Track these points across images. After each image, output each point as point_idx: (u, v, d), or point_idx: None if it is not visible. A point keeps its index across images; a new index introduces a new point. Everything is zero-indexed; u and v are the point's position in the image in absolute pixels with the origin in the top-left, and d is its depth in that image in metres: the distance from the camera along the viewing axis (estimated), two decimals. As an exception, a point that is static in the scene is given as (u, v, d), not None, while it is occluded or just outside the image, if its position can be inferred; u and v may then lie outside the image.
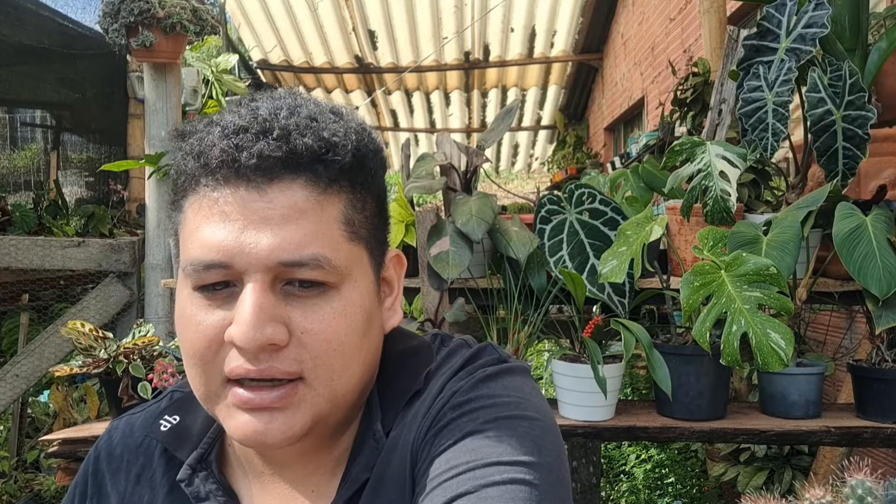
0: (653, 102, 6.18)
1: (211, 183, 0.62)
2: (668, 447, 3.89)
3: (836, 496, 0.95)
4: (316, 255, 0.61)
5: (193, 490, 0.68)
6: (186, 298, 0.63)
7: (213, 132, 0.63)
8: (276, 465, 0.70)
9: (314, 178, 0.62)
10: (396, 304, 0.73)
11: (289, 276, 0.61)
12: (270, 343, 0.60)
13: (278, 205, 0.60)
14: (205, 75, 3.55)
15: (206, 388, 0.64)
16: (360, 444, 0.68)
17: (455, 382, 0.68)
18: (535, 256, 1.95)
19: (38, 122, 4.00)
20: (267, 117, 0.62)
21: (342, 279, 0.63)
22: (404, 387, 0.70)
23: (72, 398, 3.45)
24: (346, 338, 0.63)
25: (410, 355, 0.73)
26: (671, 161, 1.83)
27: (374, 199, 0.68)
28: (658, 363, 1.68)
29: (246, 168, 0.60)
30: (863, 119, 1.71)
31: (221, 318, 0.61)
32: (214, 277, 0.61)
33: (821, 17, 1.72)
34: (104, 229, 3.21)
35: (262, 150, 0.60)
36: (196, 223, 0.62)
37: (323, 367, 0.62)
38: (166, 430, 0.72)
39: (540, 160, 12.01)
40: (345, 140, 0.64)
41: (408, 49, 8.40)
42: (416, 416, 0.67)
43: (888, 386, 1.74)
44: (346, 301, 0.63)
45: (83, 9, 3.85)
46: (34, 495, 3.45)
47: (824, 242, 1.85)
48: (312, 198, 0.62)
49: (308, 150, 0.61)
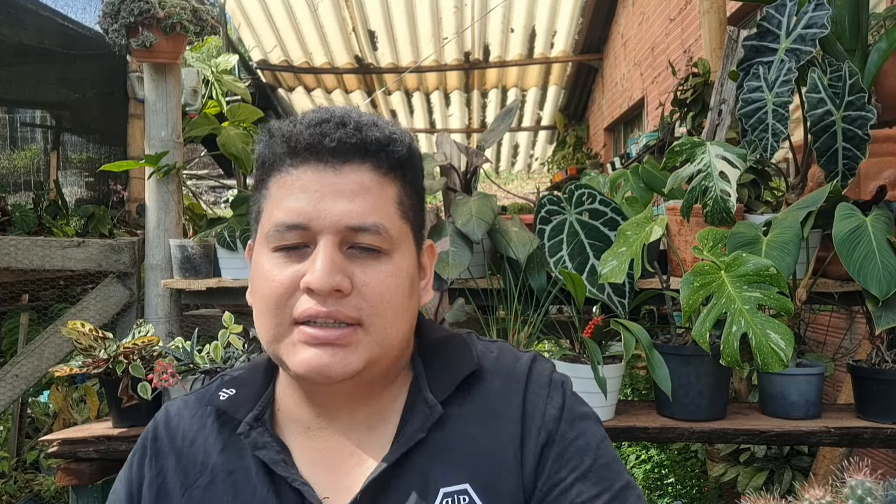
0: (653, 103, 6.18)
1: (295, 163, 0.76)
2: (668, 447, 3.89)
3: (836, 496, 0.95)
4: (376, 223, 0.75)
5: (251, 441, 0.80)
6: (265, 259, 0.77)
7: (300, 124, 0.78)
8: (323, 416, 0.81)
9: (378, 163, 0.77)
10: (428, 285, 0.87)
11: (353, 239, 0.75)
12: (338, 289, 0.72)
13: (349, 182, 0.75)
14: (205, 75, 3.55)
15: (277, 329, 0.75)
16: (410, 407, 0.81)
17: (542, 389, 0.82)
18: (535, 257, 1.95)
19: (38, 122, 3.99)
20: (342, 115, 0.78)
21: (393, 248, 0.77)
22: (456, 366, 0.83)
23: (72, 398, 3.45)
24: (396, 294, 0.76)
25: (448, 339, 0.88)
26: (671, 161, 1.83)
27: (417, 193, 0.84)
28: (658, 363, 1.68)
29: (326, 151, 0.75)
30: (863, 119, 1.71)
31: (295, 270, 0.74)
32: (293, 238, 0.75)
33: (821, 18, 1.72)
34: (104, 229, 3.21)
35: (341, 137, 0.75)
36: (280, 195, 0.76)
37: (377, 315, 0.75)
38: (225, 399, 0.84)
39: (540, 160, 12.01)
40: (402, 137, 0.80)
41: (408, 49, 8.39)
42: (502, 401, 0.80)
43: (888, 386, 1.74)
44: (396, 266, 0.77)
45: (83, 9, 3.85)
46: (34, 495, 3.45)
47: (824, 243, 1.85)
48: (376, 179, 0.77)
49: (375, 140, 0.77)
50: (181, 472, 0.82)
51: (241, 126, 2.96)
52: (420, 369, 0.84)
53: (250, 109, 3.04)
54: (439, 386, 0.81)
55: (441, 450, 0.78)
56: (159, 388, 1.86)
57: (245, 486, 0.79)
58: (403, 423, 0.80)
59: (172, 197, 2.55)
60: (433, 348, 0.86)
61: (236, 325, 1.94)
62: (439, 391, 0.81)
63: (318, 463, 0.81)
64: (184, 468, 0.82)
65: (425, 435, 0.78)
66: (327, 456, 0.81)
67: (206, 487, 0.80)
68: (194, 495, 0.80)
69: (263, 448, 0.79)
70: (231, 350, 1.95)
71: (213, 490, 0.80)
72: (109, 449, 1.89)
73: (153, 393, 1.86)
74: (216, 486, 0.80)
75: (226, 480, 0.80)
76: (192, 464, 0.82)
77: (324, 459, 0.81)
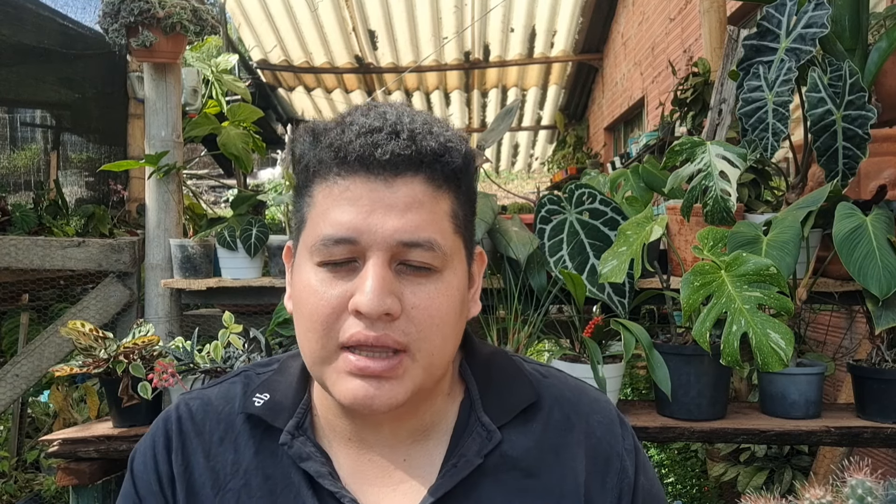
0: (653, 102, 6.18)
1: (343, 172, 0.72)
2: (668, 447, 3.89)
3: (836, 496, 0.95)
4: (430, 239, 0.71)
5: (295, 452, 0.77)
6: (310, 273, 0.73)
7: (349, 131, 0.72)
8: (366, 429, 0.78)
9: (432, 175, 0.73)
10: (476, 295, 0.82)
11: (404, 256, 0.71)
12: (388, 313, 0.69)
13: (401, 195, 0.71)
14: (205, 75, 3.55)
15: (322, 352, 0.72)
16: (462, 428, 0.78)
17: (612, 427, 0.82)
18: (535, 256, 1.94)
19: (38, 122, 3.99)
20: (395, 121, 0.72)
21: (445, 265, 0.73)
22: (514, 391, 0.81)
23: (72, 398, 3.45)
24: (447, 316, 0.73)
25: (494, 354, 0.85)
26: (671, 161, 1.83)
27: (470, 202, 0.79)
28: (658, 363, 1.68)
29: (378, 163, 0.70)
30: (863, 119, 1.71)
31: (344, 290, 0.70)
32: (341, 253, 0.71)
33: (821, 17, 1.72)
34: (104, 229, 3.21)
35: (394, 149, 0.70)
36: (326, 206, 0.72)
37: (426, 340, 0.71)
38: (261, 405, 0.80)
39: (540, 160, 12.01)
40: (458, 145, 0.75)
41: (408, 49, 8.39)
42: (564, 434, 0.80)
43: (888, 386, 1.74)
44: (447, 284, 0.73)
45: (83, 9, 3.84)
46: (34, 495, 3.45)
47: (824, 242, 1.85)
48: (430, 192, 0.72)
49: (431, 151, 0.72)
50: (211, 472, 0.79)
51: (241, 126, 2.95)
52: (473, 386, 0.81)
53: (250, 109, 3.04)
54: (495, 409, 0.79)
55: (498, 477, 0.75)
56: (159, 388, 1.86)
57: (285, 496, 0.76)
58: (455, 444, 0.77)
59: (172, 196, 2.55)
60: (484, 365, 0.83)
61: (236, 325, 1.94)
62: (496, 415, 0.78)
63: (362, 476, 0.78)
64: (213, 468, 0.79)
65: (482, 461, 0.75)
66: (371, 469, 0.78)
67: (240, 490, 0.78)
68: (228, 498, 0.77)
69: (308, 459, 0.76)
70: (231, 350, 1.95)
71: (249, 494, 0.77)
72: (110, 449, 1.89)
73: (153, 393, 1.86)
74: (252, 491, 0.77)
75: (262, 486, 0.77)
76: (222, 464, 0.79)
77: (367, 473, 0.78)
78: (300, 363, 0.83)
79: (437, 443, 0.79)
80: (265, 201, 2.63)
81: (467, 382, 0.81)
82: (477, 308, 0.82)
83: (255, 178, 6.60)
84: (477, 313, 0.82)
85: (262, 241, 2.30)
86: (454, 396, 0.81)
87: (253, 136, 2.99)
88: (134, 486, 0.82)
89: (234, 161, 3.01)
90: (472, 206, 0.80)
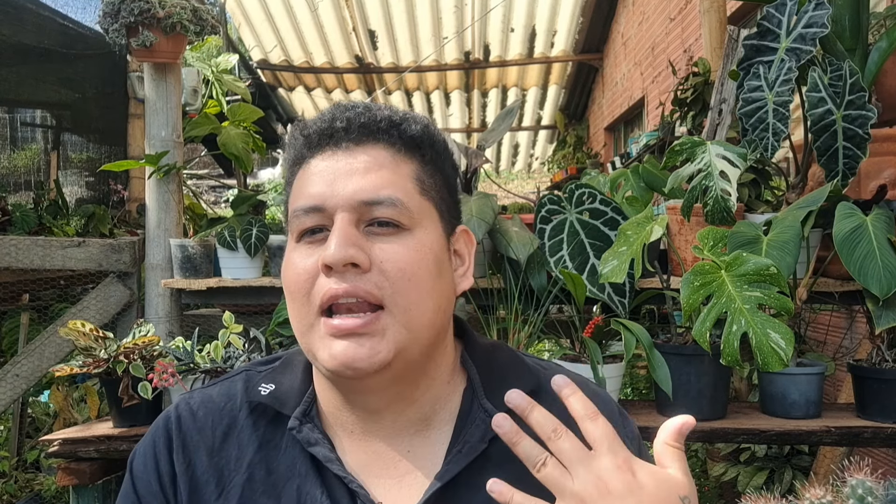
0: (653, 102, 6.18)
1: (313, 153, 0.78)
2: (669, 447, 3.87)
3: (837, 496, 0.95)
4: (391, 195, 0.74)
5: (304, 437, 0.78)
6: (293, 251, 0.77)
7: (318, 120, 0.79)
8: (367, 419, 0.78)
9: (391, 141, 0.77)
10: (468, 272, 0.84)
11: (369, 215, 0.74)
12: (353, 262, 0.71)
13: (361, 160, 0.75)
14: (205, 75, 3.55)
15: (305, 320, 0.75)
16: (465, 415, 0.79)
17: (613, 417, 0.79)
18: (535, 256, 1.94)
19: (38, 122, 3.99)
20: (356, 102, 0.80)
21: (413, 223, 0.75)
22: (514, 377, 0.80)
23: (72, 398, 3.45)
24: (419, 271, 0.74)
25: (494, 346, 0.87)
26: (671, 161, 1.83)
27: (443, 176, 0.81)
28: (658, 363, 1.68)
29: (338, 133, 0.76)
30: (863, 119, 1.71)
31: (317, 257, 0.74)
32: (312, 221, 0.75)
33: (821, 17, 1.72)
34: (104, 229, 3.21)
35: (349, 116, 0.76)
36: (300, 185, 0.78)
37: (400, 294, 0.73)
38: (267, 394, 0.82)
39: (540, 160, 12.00)
40: (416, 117, 0.80)
41: (408, 49, 8.39)
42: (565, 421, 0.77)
43: (888, 386, 1.74)
44: (418, 241, 0.75)
45: (83, 9, 3.84)
46: (34, 495, 3.45)
47: (824, 242, 1.85)
48: (389, 156, 0.76)
49: (386, 118, 0.77)
50: (215, 469, 0.79)
51: (241, 126, 2.96)
52: (474, 374, 0.81)
53: (250, 109, 3.04)
54: (498, 395, 0.76)
55: (503, 462, 0.74)
56: (160, 388, 1.86)
57: (289, 487, 0.77)
58: (459, 431, 0.78)
59: (173, 196, 2.55)
60: (485, 354, 0.84)
61: (236, 325, 1.94)
62: (498, 401, 0.75)
63: (367, 468, 0.78)
64: (217, 465, 0.79)
65: (486, 446, 0.76)
66: (376, 461, 0.78)
67: (243, 485, 0.78)
68: (232, 494, 0.78)
69: (316, 444, 0.77)
70: (231, 350, 1.96)
71: (253, 488, 0.78)
72: (110, 449, 1.89)
73: (153, 393, 1.86)
74: (255, 484, 0.78)
75: (266, 479, 0.78)
76: (226, 460, 0.80)
77: (372, 465, 0.78)
78: (304, 358, 0.84)
79: (440, 433, 0.79)
80: (265, 201, 2.63)
81: (469, 371, 0.82)
82: (467, 283, 0.83)
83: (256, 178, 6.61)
84: (468, 287, 0.83)
85: (262, 241, 2.30)
86: (456, 385, 0.82)
87: (253, 136, 3.00)
88: (133, 486, 0.81)
89: (234, 161, 3.01)
90: (445, 181, 0.82)
